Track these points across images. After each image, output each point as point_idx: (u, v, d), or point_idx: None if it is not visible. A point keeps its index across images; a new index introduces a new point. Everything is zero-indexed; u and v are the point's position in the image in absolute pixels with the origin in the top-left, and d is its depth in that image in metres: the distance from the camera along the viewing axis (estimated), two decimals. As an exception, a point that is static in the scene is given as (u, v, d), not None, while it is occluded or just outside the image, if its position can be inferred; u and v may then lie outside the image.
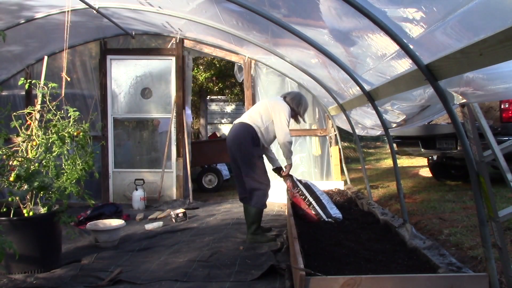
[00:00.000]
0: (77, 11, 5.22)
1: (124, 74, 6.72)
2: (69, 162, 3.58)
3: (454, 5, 1.81)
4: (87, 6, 5.02)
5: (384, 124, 3.81)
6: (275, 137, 4.12)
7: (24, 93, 6.63)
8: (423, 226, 4.36)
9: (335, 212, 4.10)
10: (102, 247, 3.98)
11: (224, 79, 13.28)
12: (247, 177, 4.00)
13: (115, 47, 6.68)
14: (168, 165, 6.62)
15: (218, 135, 11.23)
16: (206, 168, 8.07)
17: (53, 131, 3.53)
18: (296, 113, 4.24)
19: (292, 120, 4.25)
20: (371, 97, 3.66)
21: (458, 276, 2.33)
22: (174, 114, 6.59)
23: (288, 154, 4.10)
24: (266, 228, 4.45)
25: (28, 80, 3.72)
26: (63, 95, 3.87)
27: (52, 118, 3.63)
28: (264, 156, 4.24)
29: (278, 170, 4.39)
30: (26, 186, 3.27)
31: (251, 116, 4.11)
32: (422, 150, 6.35)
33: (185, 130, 6.67)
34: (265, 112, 4.09)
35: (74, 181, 3.51)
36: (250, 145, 3.99)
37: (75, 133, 3.59)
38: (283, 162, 4.37)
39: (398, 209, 4.70)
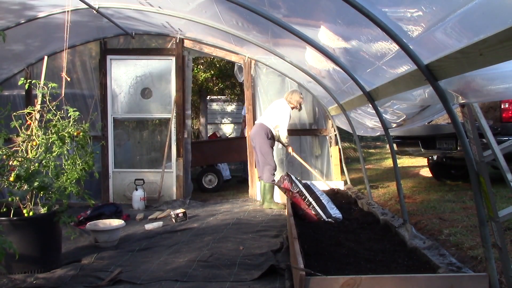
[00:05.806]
0: (77, 11, 5.22)
1: (124, 74, 6.72)
2: (69, 162, 3.58)
3: (454, 5, 1.81)
4: (88, 6, 5.02)
5: (384, 124, 3.81)
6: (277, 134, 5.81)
7: (24, 93, 6.62)
8: (423, 226, 4.36)
9: (335, 212, 4.10)
10: (102, 247, 3.98)
11: (224, 79, 13.26)
12: (261, 159, 5.73)
13: (115, 47, 6.67)
14: (168, 165, 6.61)
15: (218, 135, 11.20)
16: (206, 168, 8.06)
17: (53, 131, 3.53)
18: (294, 106, 5.81)
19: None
20: (371, 97, 3.66)
21: (458, 276, 2.34)
22: (174, 114, 6.59)
23: (286, 142, 5.87)
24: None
25: (28, 80, 3.72)
26: (63, 95, 3.87)
27: (52, 118, 3.62)
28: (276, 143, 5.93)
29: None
30: (26, 186, 3.26)
31: (265, 118, 5.82)
32: (422, 150, 6.35)
33: (185, 130, 6.68)
34: (273, 116, 5.76)
35: (74, 181, 3.50)
36: (263, 138, 5.69)
37: (75, 133, 3.59)
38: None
39: (398, 209, 4.70)
